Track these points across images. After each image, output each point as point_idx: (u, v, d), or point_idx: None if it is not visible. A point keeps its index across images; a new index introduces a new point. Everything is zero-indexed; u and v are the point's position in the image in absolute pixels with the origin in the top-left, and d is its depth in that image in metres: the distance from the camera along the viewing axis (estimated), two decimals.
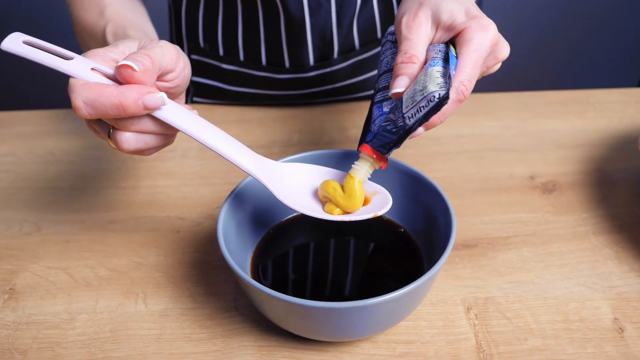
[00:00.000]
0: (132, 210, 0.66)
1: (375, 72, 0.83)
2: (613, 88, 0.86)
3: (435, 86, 0.42)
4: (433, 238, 0.52)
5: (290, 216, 0.58)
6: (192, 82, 0.85)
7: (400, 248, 0.55)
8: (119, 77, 0.40)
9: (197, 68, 0.82)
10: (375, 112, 0.50)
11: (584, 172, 0.71)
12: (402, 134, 0.45)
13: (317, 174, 0.51)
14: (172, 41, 0.85)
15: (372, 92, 0.82)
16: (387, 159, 0.47)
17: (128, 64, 0.39)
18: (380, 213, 0.48)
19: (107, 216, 0.66)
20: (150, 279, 0.58)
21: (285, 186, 0.49)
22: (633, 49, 1.96)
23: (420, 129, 0.45)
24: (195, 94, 0.86)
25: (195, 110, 0.44)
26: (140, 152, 0.42)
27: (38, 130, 0.81)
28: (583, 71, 1.95)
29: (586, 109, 0.83)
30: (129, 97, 0.38)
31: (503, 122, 0.80)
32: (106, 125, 0.42)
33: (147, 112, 0.40)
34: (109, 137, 0.42)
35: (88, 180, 0.72)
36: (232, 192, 0.52)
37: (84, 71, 0.40)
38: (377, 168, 0.48)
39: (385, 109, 0.49)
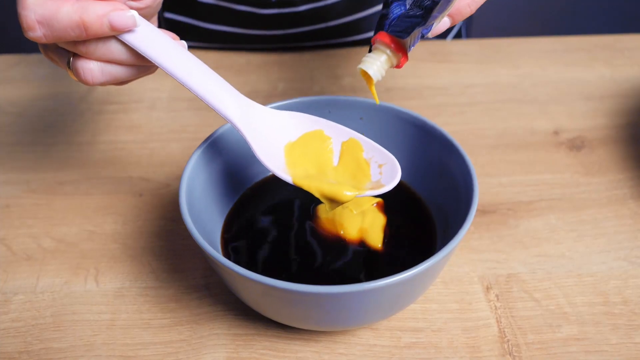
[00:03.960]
0: (87, 169, 0.60)
1: (379, 7, 0.76)
2: None
3: None
4: (447, 202, 0.47)
5: (271, 175, 0.53)
6: (161, 18, 0.77)
7: (407, 214, 0.49)
8: None
9: (168, 1, 0.75)
10: (395, 10, 0.40)
11: (615, 127, 0.64)
12: (428, 8, 0.36)
13: (313, 127, 0.44)
14: None
15: (372, 34, 0.77)
16: (407, 53, 0.39)
17: None
18: (382, 190, 0.41)
19: (57, 176, 0.59)
20: (105, 252, 0.51)
21: (270, 142, 0.43)
22: None
23: (445, 20, 0.38)
24: None
25: (183, 42, 0.40)
26: (108, 84, 0.39)
27: None
28: (609, 13, 1.83)
29: (614, 56, 0.76)
30: (92, 13, 0.35)
31: (520, 70, 0.74)
32: (65, 52, 0.38)
33: (113, 33, 0.36)
34: (69, 66, 0.38)
35: (37, 135, 0.65)
36: (200, 146, 0.46)
37: None
38: (394, 65, 0.40)
39: (408, 6, 0.41)
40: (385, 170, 0.42)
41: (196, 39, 0.78)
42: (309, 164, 0.43)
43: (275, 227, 0.48)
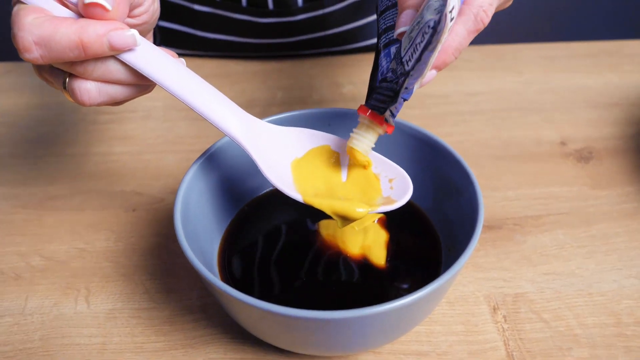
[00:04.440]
0: (79, 183, 0.58)
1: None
2: None
3: (431, 13, 0.34)
4: (451, 217, 0.46)
5: (271, 189, 0.52)
6: (157, 27, 0.75)
7: (409, 230, 0.48)
8: (87, 17, 0.35)
9: (163, 9, 0.75)
10: (383, 62, 0.40)
11: (624, 136, 0.62)
12: (400, 83, 0.37)
13: (319, 142, 0.44)
14: None
15: (373, 41, 0.77)
16: (392, 122, 0.40)
17: (98, 1, 0.34)
18: (395, 206, 0.41)
19: (47, 190, 0.58)
20: (96, 271, 0.50)
21: (276, 160, 0.42)
22: None
23: (432, 72, 0.38)
24: (162, 41, 0.78)
25: (182, 59, 0.39)
26: (105, 104, 0.39)
27: None
28: (615, 18, 1.81)
29: (621, 62, 0.75)
30: (92, 33, 0.34)
31: (524, 77, 0.73)
32: (61, 72, 0.37)
33: (113, 53, 0.36)
34: (65, 87, 0.37)
35: (27, 146, 0.63)
36: (199, 158, 0.45)
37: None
38: (381, 134, 0.41)
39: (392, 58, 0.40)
40: (396, 185, 0.42)
41: (192, 48, 0.77)
42: (318, 181, 0.43)
43: (274, 245, 0.47)
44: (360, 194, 0.42)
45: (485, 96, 0.69)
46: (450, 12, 0.32)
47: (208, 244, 0.45)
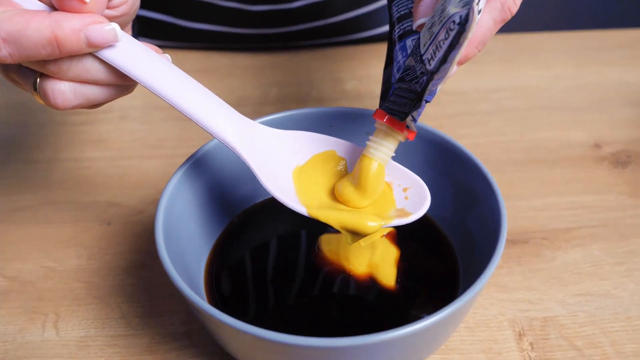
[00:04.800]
0: (47, 192, 0.59)
1: (383, 1, 0.77)
2: None
3: (456, 6, 0.34)
4: (470, 231, 0.46)
5: (266, 198, 0.52)
6: (136, 17, 0.75)
7: (423, 246, 0.49)
8: (61, 10, 0.35)
9: None
10: (399, 56, 0.41)
11: None
12: (422, 85, 0.37)
13: (323, 148, 0.45)
14: None
15: (379, 30, 0.78)
16: (414, 127, 0.40)
17: None
18: (411, 219, 0.41)
19: (11, 201, 0.59)
20: (66, 293, 0.50)
21: (276, 168, 0.43)
22: None
23: (454, 68, 0.38)
24: (140, 32, 0.79)
25: (166, 55, 0.40)
26: (81, 107, 0.39)
27: None
28: None
29: None
30: (67, 28, 0.34)
31: (553, 71, 0.74)
32: (31, 72, 0.38)
33: (91, 50, 0.36)
34: (36, 89, 0.38)
35: None
36: (183, 165, 0.46)
37: None
38: (401, 141, 0.41)
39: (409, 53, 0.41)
40: (412, 195, 0.43)
41: (173, 39, 0.78)
42: (323, 191, 0.43)
43: (269, 262, 0.48)
44: (371, 206, 0.43)
45: (508, 93, 0.70)
46: (478, 3, 0.33)
47: (194, 262, 0.45)
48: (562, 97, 0.69)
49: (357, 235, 0.41)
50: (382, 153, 0.41)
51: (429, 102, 0.38)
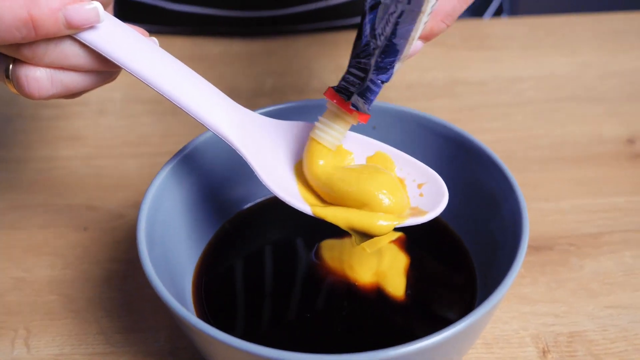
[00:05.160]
0: (15, 195, 0.60)
1: None
2: None
3: None
4: (488, 236, 0.47)
5: (261, 199, 0.53)
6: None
7: (436, 253, 0.50)
8: None
9: None
10: (367, 29, 0.42)
11: None
12: (370, 62, 0.38)
13: None
14: None
15: None
16: (365, 109, 0.41)
17: None
18: (426, 218, 0.42)
19: None
20: (38, 306, 0.51)
21: (276, 162, 0.44)
22: None
23: (417, 43, 0.40)
24: (119, 15, 0.76)
25: (153, 38, 0.41)
26: (58, 97, 0.40)
27: None
28: None
29: None
30: (44, 7, 0.35)
31: (582, 58, 0.74)
32: (3, 57, 0.38)
33: (70, 32, 0.36)
34: (8, 77, 0.38)
35: None
36: (168, 164, 0.47)
37: None
38: (353, 124, 0.42)
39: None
40: (427, 191, 0.43)
41: (158, 23, 0.78)
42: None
43: (264, 271, 0.48)
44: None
45: (532, 82, 0.70)
46: None
47: (181, 272, 0.46)
48: (592, 87, 0.69)
49: (366, 236, 0.42)
50: (330, 136, 0.42)
51: (385, 82, 0.39)
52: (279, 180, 0.43)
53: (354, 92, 0.40)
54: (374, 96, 0.39)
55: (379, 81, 0.38)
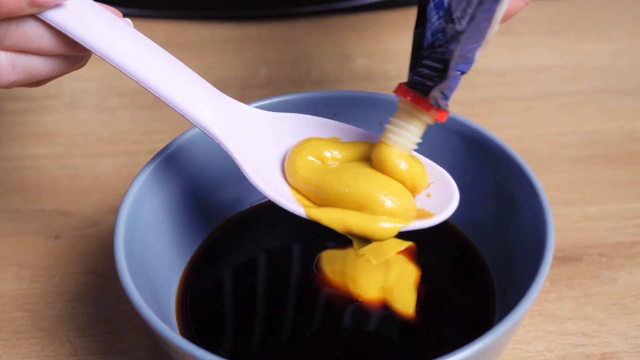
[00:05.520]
0: None
1: None
2: None
3: None
4: (507, 245, 0.47)
5: (253, 204, 0.53)
6: None
7: (449, 264, 0.50)
8: None
9: None
10: (433, 16, 0.42)
11: None
12: (450, 50, 0.37)
13: (325, 134, 0.46)
14: None
15: None
16: (445, 106, 0.40)
17: None
18: (434, 221, 0.41)
19: None
20: (4, 324, 0.51)
21: (266, 161, 0.44)
22: None
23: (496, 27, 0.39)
24: None
25: (127, 19, 0.41)
26: (20, 85, 0.40)
27: None
28: None
29: None
30: None
31: (614, 45, 0.75)
32: None
33: (34, 11, 0.36)
34: None
35: None
36: (149, 164, 0.46)
37: None
38: (430, 124, 0.41)
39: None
40: (435, 191, 0.43)
41: (138, 5, 0.78)
42: None
43: (256, 285, 0.49)
44: None
45: (557, 73, 0.70)
46: None
47: (164, 285, 0.46)
48: (626, 78, 0.70)
49: (366, 241, 0.42)
50: (404, 139, 0.41)
51: (465, 72, 0.38)
52: (269, 179, 0.43)
53: (433, 86, 0.39)
54: (452, 91, 0.39)
55: (458, 72, 0.38)
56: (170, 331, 0.37)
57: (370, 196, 0.41)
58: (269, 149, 0.44)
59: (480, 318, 0.45)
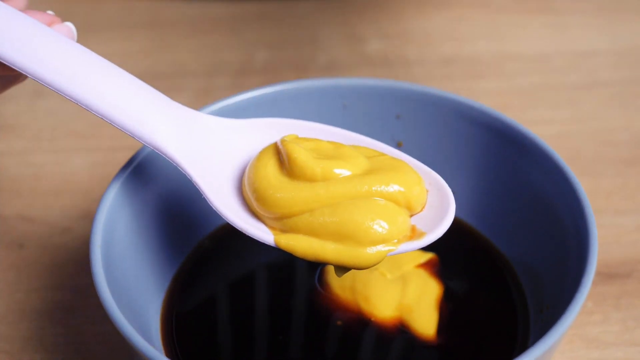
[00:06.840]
0: None
1: None
2: None
3: None
4: (542, 258, 0.48)
5: None
6: None
7: (475, 280, 0.51)
8: None
9: None
10: None
11: None
12: None
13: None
14: None
15: None
16: None
17: None
18: (424, 242, 0.40)
19: None
20: None
21: (230, 180, 0.44)
22: None
23: None
24: None
25: (68, 24, 0.42)
26: None
27: None
28: None
29: None
30: None
31: None
32: None
33: None
34: None
35: None
36: (129, 164, 0.47)
37: None
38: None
39: None
40: (429, 203, 0.42)
41: None
42: None
43: (252, 302, 0.49)
44: None
45: (607, 58, 0.71)
46: None
47: (146, 303, 0.47)
48: None
49: (345, 269, 0.41)
50: None
51: None
52: (233, 204, 0.43)
53: None
54: None
55: None
56: (155, 351, 0.37)
57: (354, 226, 0.39)
58: (234, 165, 0.44)
59: (511, 342, 0.45)
